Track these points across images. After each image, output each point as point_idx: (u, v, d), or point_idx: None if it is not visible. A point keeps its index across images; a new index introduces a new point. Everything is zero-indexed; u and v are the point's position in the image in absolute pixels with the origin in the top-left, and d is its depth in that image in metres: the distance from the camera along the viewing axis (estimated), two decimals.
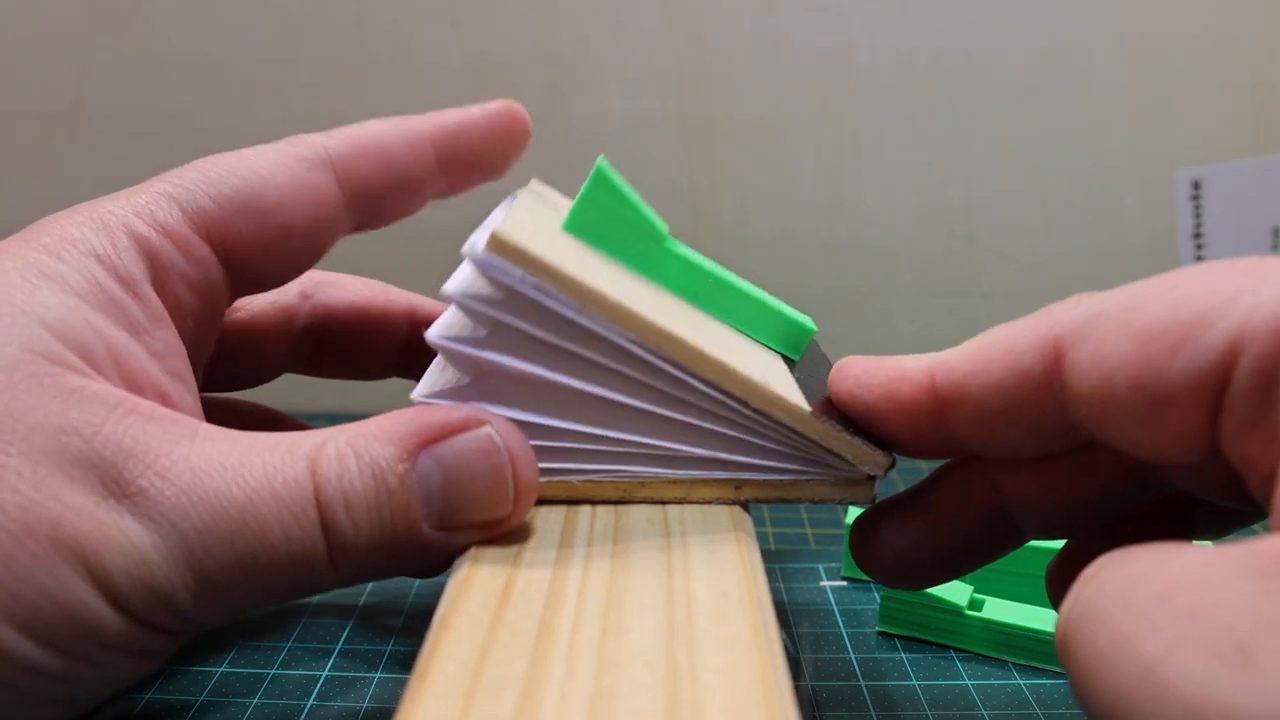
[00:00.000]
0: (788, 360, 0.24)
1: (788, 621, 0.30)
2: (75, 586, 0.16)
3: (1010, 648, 0.28)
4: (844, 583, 0.32)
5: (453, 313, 0.21)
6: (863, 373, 0.20)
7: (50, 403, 0.17)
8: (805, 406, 0.20)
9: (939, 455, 0.21)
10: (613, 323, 0.19)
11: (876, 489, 0.21)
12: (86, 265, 0.19)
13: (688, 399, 0.20)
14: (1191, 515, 0.20)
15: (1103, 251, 0.50)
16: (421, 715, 0.13)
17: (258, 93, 0.49)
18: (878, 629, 0.29)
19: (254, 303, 0.27)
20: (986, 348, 0.18)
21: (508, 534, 0.19)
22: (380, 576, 0.20)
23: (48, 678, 0.17)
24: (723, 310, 0.23)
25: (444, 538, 0.19)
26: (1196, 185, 0.39)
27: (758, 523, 0.37)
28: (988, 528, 0.20)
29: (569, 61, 0.49)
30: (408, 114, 0.24)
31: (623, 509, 0.20)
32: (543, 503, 0.20)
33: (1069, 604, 0.14)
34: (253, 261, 0.22)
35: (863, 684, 0.26)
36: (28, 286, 0.18)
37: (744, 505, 0.21)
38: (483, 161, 0.24)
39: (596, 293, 0.18)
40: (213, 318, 0.22)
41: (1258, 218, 0.38)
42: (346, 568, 0.18)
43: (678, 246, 0.23)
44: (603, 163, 0.21)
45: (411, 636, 0.29)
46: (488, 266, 0.18)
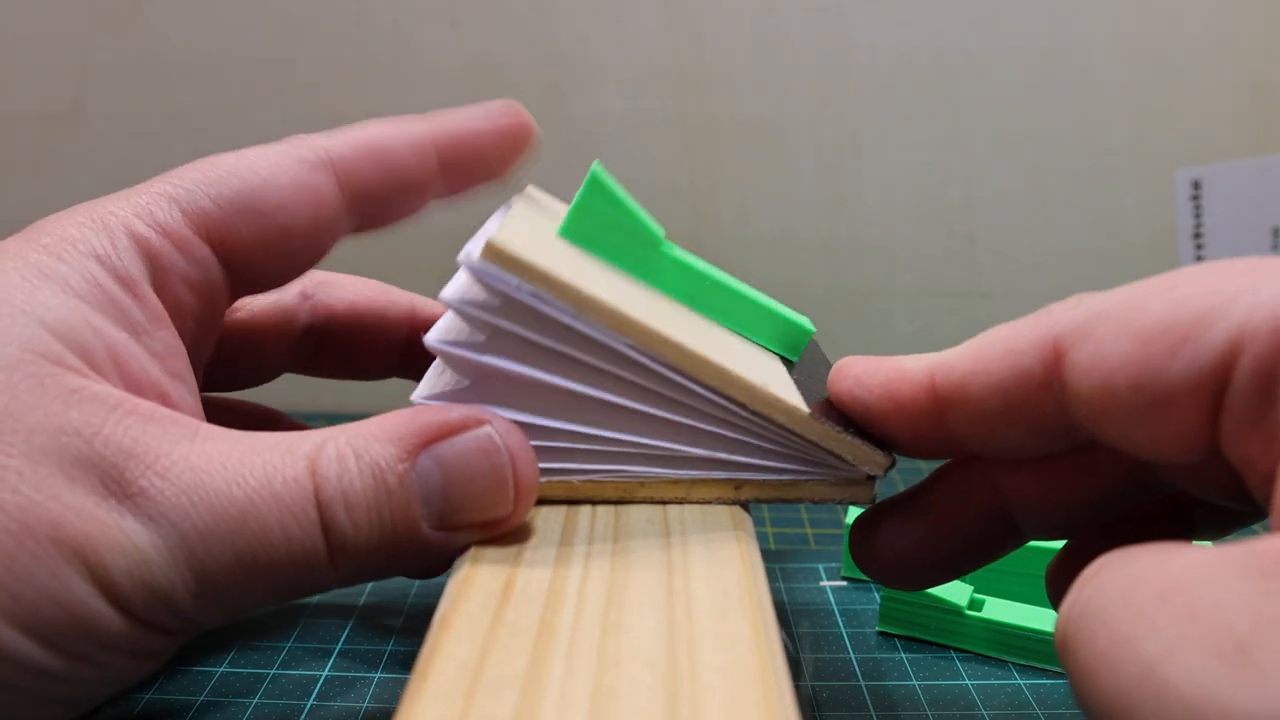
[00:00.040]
0: (786, 362, 0.24)
1: (788, 621, 0.30)
2: (76, 586, 0.16)
3: (1010, 648, 0.28)
4: (844, 583, 0.32)
5: (451, 317, 0.21)
6: (862, 373, 0.20)
7: (51, 403, 0.17)
8: (803, 408, 0.20)
9: (939, 455, 0.21)
10: (610, 329, 0.19)
11: (876, 489, 0.21)
12: (87, 266, 0.19)
13: (687, 402, 0.20)
14: (1192, 515, 0.20)
15: (1103, 251, 0.50)
16: (422, 715, 0.13)
17: (258, 93, 0.49)
18: (878, 629, 0.29)
19: (254, 303, 0.27)
20: (986, 348, 0.18)
21: (508, 534, 0.19)
22: (380, 576, 0.20)
23: (49, 678, 0.17)
24: (720, 313, 0.23)
25: (444, 538, 0.19)
26: (1196, 185, 0.39)
27: (758, 523, 0.37)
28: (988, 528, 0.20)
29: (569, 61, 0.49)
30: (408, 114, 0.24)
31: (623, 509, 0.20)
32: (543, 503, 0.20)
33: (1069, 604, 0.14)
34: (253, 262, 0.22)
35: (863, 684, 0.26)
36: (28, 287, 0.18)
37: (744, 505, 0.21)
38: (485, 164, 0.24)
39: (593, 299, 0.18)
40: (213, 318, 0.22)
41: (1258, 218, 0.38)
42: (346, 567, 0.18)
43: (674, 250, 0.23)
44: (597, 169, 0.21)
45: (411, 636, 0.29)
46: (483, 275, 0.18)
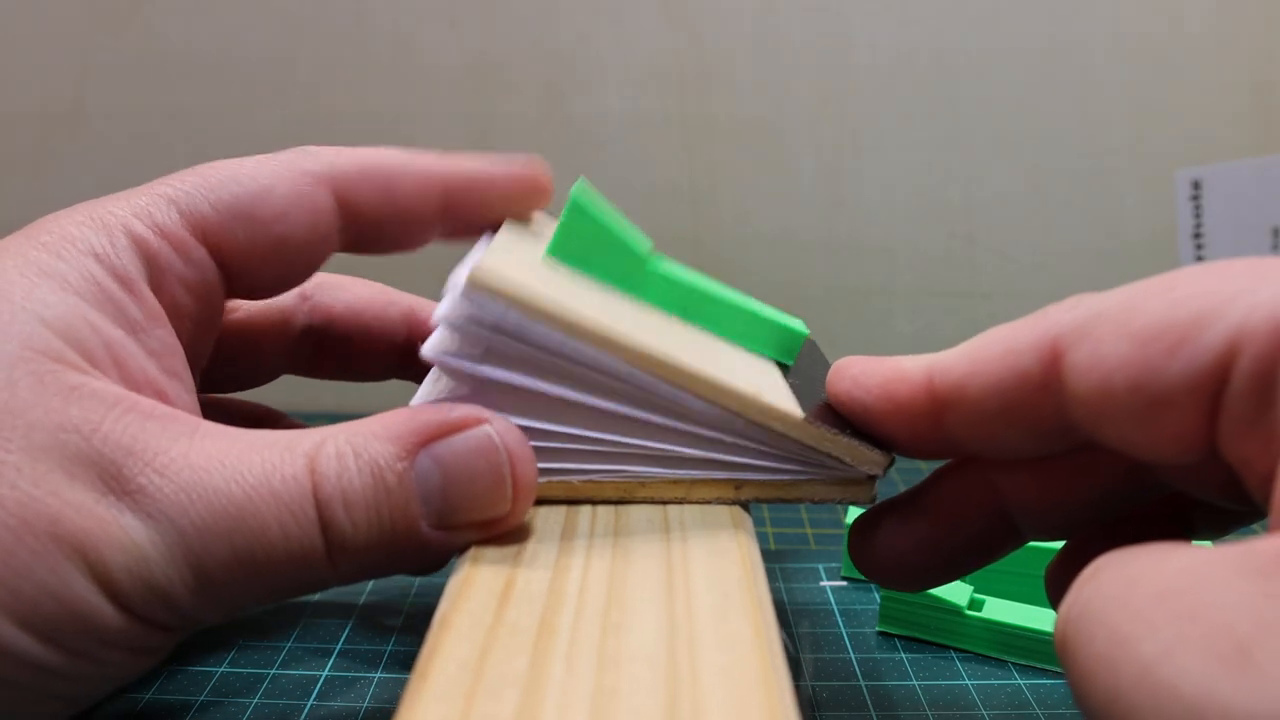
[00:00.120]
0: (783, 366, 0.24)
1: (788, 621, 0.30)
2: (75, 582, 0.16)
3: (1010, 648, 0.28)
4: (844, 583, 0.32)
5: (446, 329, 0.21)
6: (860, 373, 0.20)
7: (50, 400, 0.17)
8: (797, 413, 0.20)
9: (937, 456, 0.21)
10: (598, 351, 0.19)
11: (877, 488, 0.21)
12: (85, 264, 0.19)
13: (683, 412, 0.20)
14: (1191, 515, 0.20)
15: (1103, 251, 0.50)
16: (422, 715, 0.13)
17: (258, 93, 0.49)
18: (878, 629, 0.29)
19: (253, 305, 0.27)
20: (984, 349, 0.18)
21: (508, 534, 0.19)
22: (379, 575, 0.20)
23: (48, 674, 0.17)
24: (711, 322, 0.23)
25: (443, 537, 0.19)
26: (1196, 185, 0.39)
27: (758, 523, 0.37)
28: (987, 529, 0.20)
29: (569, 61, 0.49)
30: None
31: (623, 509, 0.20)
32: (543, 503, 0.20)
33: (1067, 605, 0.14)
34: (248, 269, 0.22)
35: (863, 684, 0.26)
36: (27, 284, 0.18)
37: (744, 505, 0.21)
38: (491, 214, 0.24)
39: (579, 323, 0.19)
40: (210, 320, 0.22)
41: (1258, 218, 0.38)
42: (345, 566, 0.18)
43: (661, 265, 0.23)
44: (578, 191, 0.21)
45: (411, 636, 0.29)
46: (471, 303, 0.19)
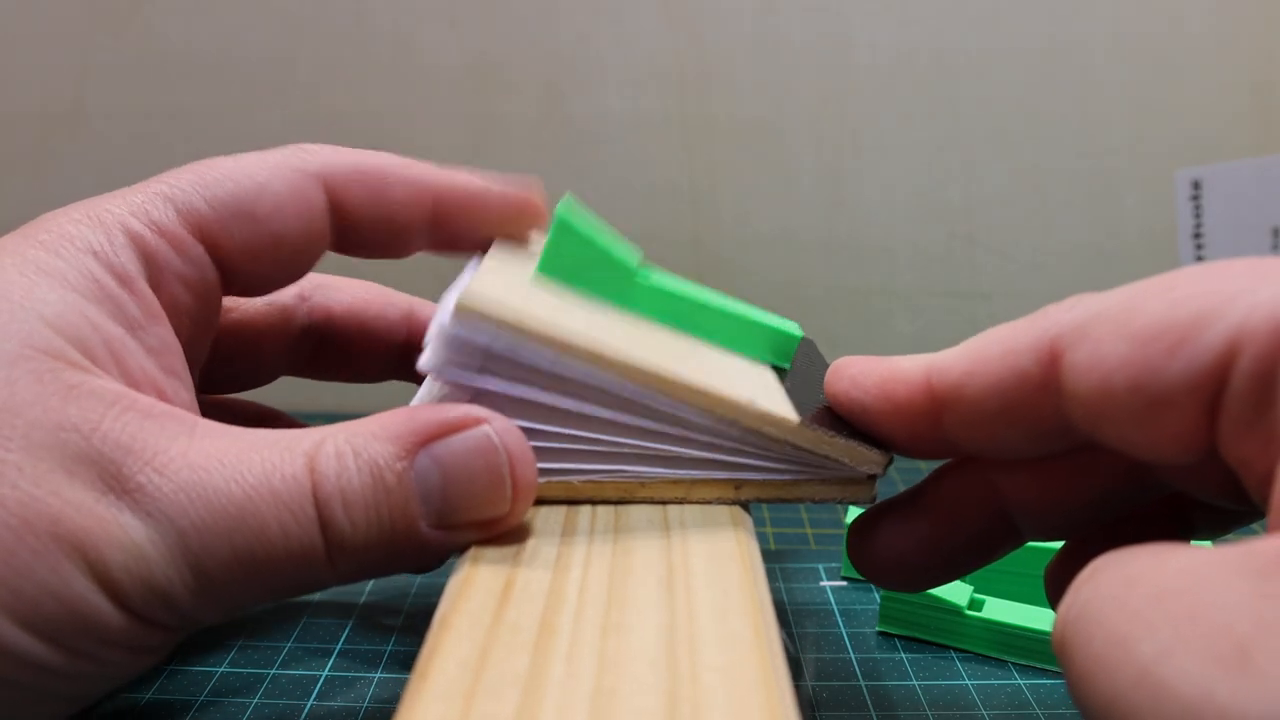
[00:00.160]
0: (780, 369, 0.24)
1: (788, 621, 0.30)
2: (76, 582, 0.16)
3: (1010, 648, 0.28)
4: (844, 583, 0.32)
5: (441, 350, 0.21)
6: (859, 373, 0.20)
7: (49, 399, 0.17)
8: (793, 418, 0.20)
9: (936, 456, 0.21)
10: (590, 369, 0.19)
11: (877, 488, 0.21)
12: (84, 262, 0.19)
13: (681, 420, 0.20)
14: (1190, 515, 0.20)
15: (1103, 251, 0.50)
16: (422, 715, 0.13)
17: (258, 93, 0.49)
18: (878, 629, 0.29)
19: (251, 305, 0.27)
20: (983, 349, 0.18)
21: (508, 533, 0.19)
22: (378, 574, 0.20)
23: (49, 673, 0.17)
24: (704, 330, 0.23)
25: (442, 536, 0.19)
26: (1196, 185, 0.39)
27: (758, 523, 0.37)
28: (986, 529, 0.20)
29: (569, 61, 0.49)
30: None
31: (623, 509, 0.20)
32: (543, 503, 0.20)
33: (1066, 605, 0.14)
34: (245, 266, 0.22)
35: (863, 684, 0.26)
36: (26, 282, 0.18)
37: (744, 505, 0.21)
38: (481, 231, 0.24)
39: (569, 342, 0.19)
40: (208, 318, 0.22)
41: (1258, 218, 0.38)
42: (344, 565, 0.18)
43: (650, 276, 0.23)
44: (563, 208, 0.21)
45: (411, 636, 0.29)
46: (461, 329, 0.19)
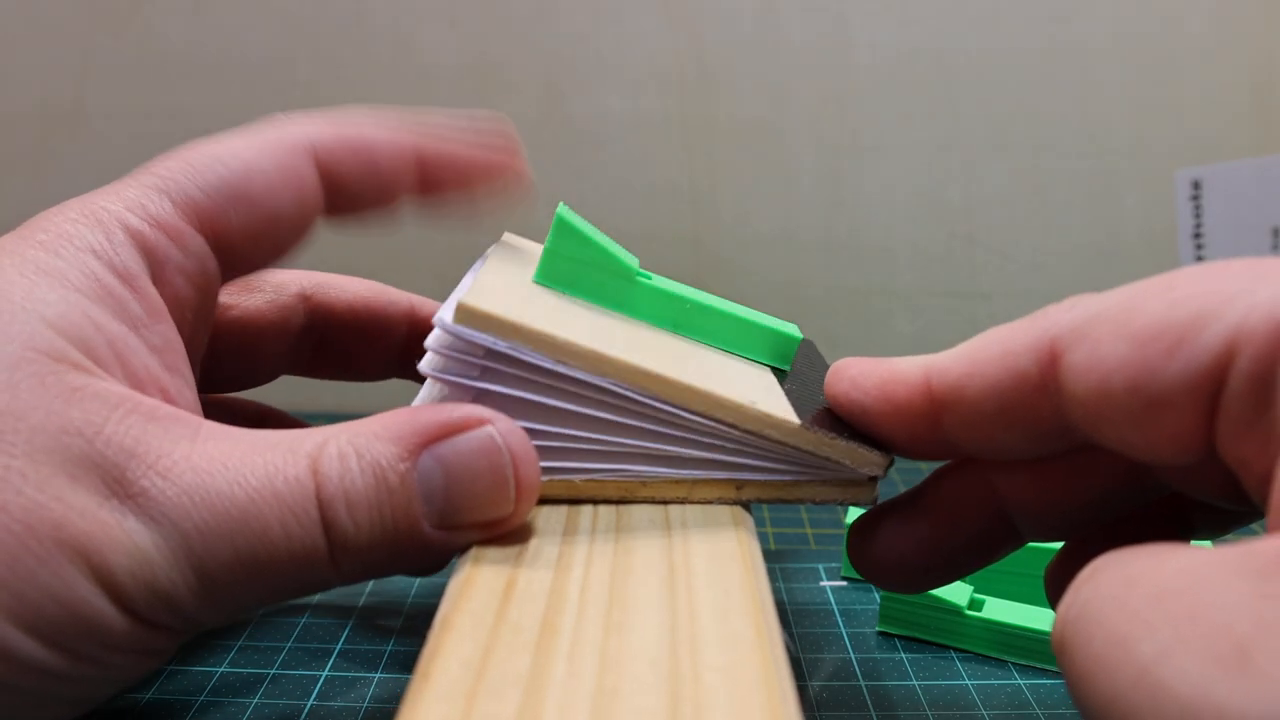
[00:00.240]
0: (780, 371, 0.24)
1: (788, 621, 0.30)
2: (80, 587, 0.16)
3: (1010, 648, 0.28)
4: (844, 583, 0.32)
5: (442, 356, 0.21)
6: (858, 374, 0.20)
7: (52, 403, 0.17)
8: (793, 420, 0.20)
9: (936, 457, 0.21)
10: (590, 372, 0.19)
11: (878, 489, 0.22)
12: (84, 261, 0.19)
13: (681, 422, 0.20)
14: (1190, 516, 0.20)
15: (1103, 251, 0.50)
16: (424, 715, 0.13)
17: (258, 93, 0.49)
18: (878, 629, 0.29)
19: (251, 304, 0.27)
20: (982, 350, 0.18)
21: (509, 533, 0.19)
22: (381, 574, 0.20)
23: (53, 678, 0.17)
24: (704, 333, 0.23)
25: (445, 537, 0.19)
26: (1196, 185, 0.39)
27: (758, 523, 0.37)
28: (986, 529, 0.21)
29: (569, 61, 0.49)
30: (398, 108, 0.24)
31: (624, 508, 0.20)
32: (544, 502, 0.20)
33: (1065, 605, 0.14)
34: (243, 248, 0.22)
35: (863, 684, 0.26)
36: (27, 283, 0.18)
37: (745, 505, 0.21)
38: (464, 188, 0.24)
39: (569, 345, 0.19)
40: (208, 309, 0.22)
41: (1258, 218, 0.38)
42: (348, 566, 0.18)
43: (650, 279, 0.23)
44: (562, 211, 0.21)
45: (411, 637, 0.29)
46: (461, 335, 0.19)
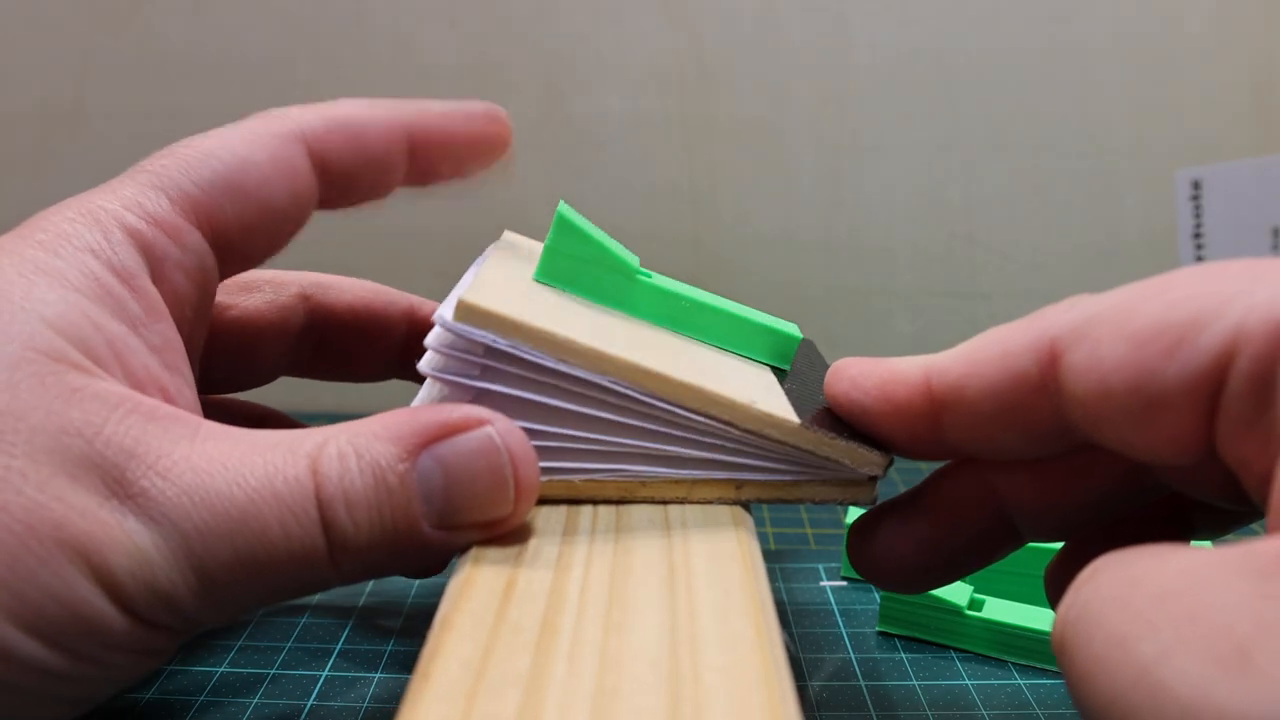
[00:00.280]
0: (780, 370, 0.24)
1: (788, 621, 0.30)
2: (80, 587, 0.16)
3: (1010, 648, 0.28)
4: (844, 583, 0.32)
5: (442, 355, 0.21)
6: (858, 374, 0.20)
7: (52, 403, 0.17)
8: (793, 419, 0.20)
9: (935, 457, 0.21)
10: (591, 370, 0.19)
11: (878, 489, 0.22)
12: (84, 260, 0.19)
13: (681, 421, 0.20)
14: (1190, 516, 0.20)
15: (1103, 251, 0.50)
16: (424, 715, 0.13)
17: (258, 93, 0.49)
18: (878, 629, 0.29)
19: (251, 304, 0.27)
20: (981, 350, 0.18)
21: (509, 533, 0.19)
22: (381, 575, 0.20)
23: (53, 678, 0.17)
24: (704, 332, 0.23)
25: (444, 537, 0.19)
26: (1196, 185, 0.39)
27: (758, 523, 0.37)
28: (986, 530, 0.21)
29: (569, 61, 0.49)
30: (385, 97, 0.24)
31: (624, 508, 0.20)
32: (544, 502, 0.20)
33: (1066, 605, 0.14)
34: (241, 242, 0.22)
35: (863, 684, 0.26)
36: (25, 283, 0.18)
37: (744, 505, 0.21)
38: (455, 163, 0.24)
39: (569, 343, 0.19)
40: (206, 305, 0.22)
41: (1258, 218, 0.38)
42: (347, 566, 0.18)
43: (650, 277, 0.23)
44: (562, 209, 0.21)
45: (411, 637, 0.29)
46: (461, 332, 0.19)
